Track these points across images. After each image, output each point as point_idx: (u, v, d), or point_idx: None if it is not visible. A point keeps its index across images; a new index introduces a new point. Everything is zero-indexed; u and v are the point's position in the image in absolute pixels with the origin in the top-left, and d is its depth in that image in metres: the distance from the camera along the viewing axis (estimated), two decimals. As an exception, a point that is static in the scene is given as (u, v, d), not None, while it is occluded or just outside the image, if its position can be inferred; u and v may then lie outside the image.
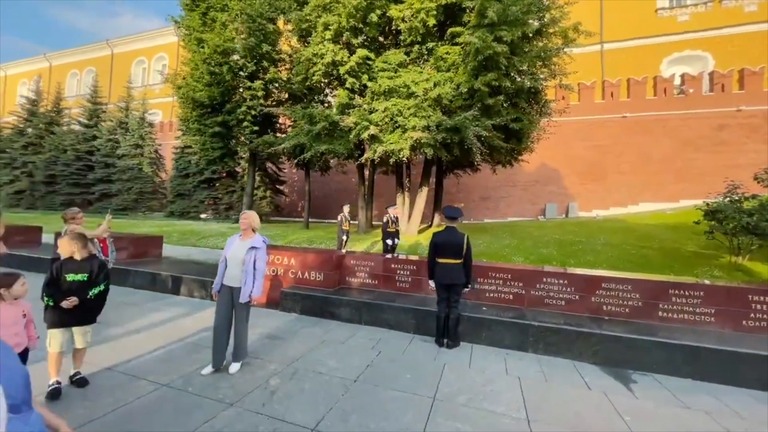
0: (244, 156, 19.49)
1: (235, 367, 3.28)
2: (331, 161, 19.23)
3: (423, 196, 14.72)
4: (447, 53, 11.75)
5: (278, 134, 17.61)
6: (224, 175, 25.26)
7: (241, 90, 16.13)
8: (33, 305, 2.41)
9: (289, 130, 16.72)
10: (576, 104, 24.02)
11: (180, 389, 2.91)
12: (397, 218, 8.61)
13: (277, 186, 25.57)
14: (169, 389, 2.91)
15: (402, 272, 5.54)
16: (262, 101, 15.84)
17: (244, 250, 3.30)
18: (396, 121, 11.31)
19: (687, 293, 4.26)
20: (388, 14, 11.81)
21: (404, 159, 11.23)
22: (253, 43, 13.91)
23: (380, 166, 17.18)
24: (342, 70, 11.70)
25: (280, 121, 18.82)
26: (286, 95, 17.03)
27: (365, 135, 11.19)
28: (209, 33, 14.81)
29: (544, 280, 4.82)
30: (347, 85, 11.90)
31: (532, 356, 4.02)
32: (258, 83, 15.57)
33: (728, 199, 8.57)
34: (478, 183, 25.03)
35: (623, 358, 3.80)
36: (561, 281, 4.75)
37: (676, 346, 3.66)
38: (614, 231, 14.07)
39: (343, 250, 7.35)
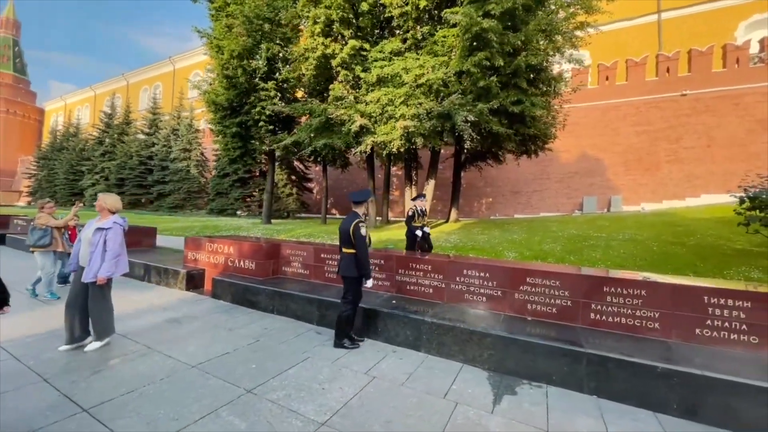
0: (265, 155, 20.46)
1: (93, 345, 3.36)
2: (350, 157, 19.37)
3: (430, 189, 14.09)
4: (444, 37, 11.08)
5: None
6: (256, 174, 26.88)
7: (257, 92, 16.92)
8: None
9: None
10: (623, 84, 21.27)
11: (25, 363, 3.05)
12: (424, 211, 7.32)
13: (304, 183, 26.49)
14: (17, 362, 3.06)
15: (331, 262, 5.29)
16: (275, 101, 16.43)
17: (93, 232, 3.36)
18: (387, 111, 10.95)
19: (626, 291, 3.41)
20: (380, 1, 11.48)
21: (395, 150, 10.82)
22: (251, 44, 14.43)
23: (396, 158, 16.88)
24: (334, 63, 11.65)
25: (302, 120, 19.46)
26: (304, 94, 17.48)
27: (354, 127, 11.00)
28: (227, 39, 15.77)
29: (465, 272, 4.23)
30: (340, 78, 11.81)
31: (421, 356, 3.54)
32: (270, 84, 16.20)
33: (776, 183, 6.83)
34: (508, 176, 23.41)
35: (518, 365, 3.16)
36: (482, 274, 4.12)
37: (581, 355, 2.94)
38: (650, 226, 12.11)
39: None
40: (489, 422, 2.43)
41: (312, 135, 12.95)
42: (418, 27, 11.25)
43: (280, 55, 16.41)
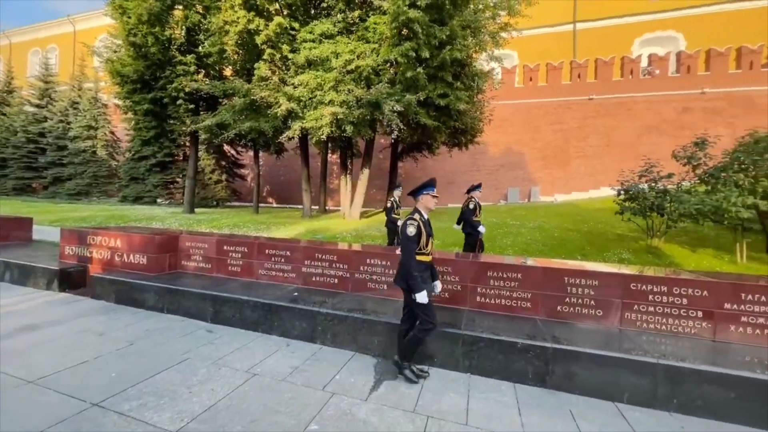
0: (188, 137, 18.53)
1: None
2: (285, 143, 18.40)
3: (364, 178, 14.01)
4: (375, 24, 10.90)
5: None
6: (180, 158, 24.30)
7: (173, 65, 15.06)
8: None
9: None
10: (543, 85, 23.29)
11: None
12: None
13: (235, 170, 24.68)
14: None
15: (234, 255, 4.94)
16: (195, 77, 14.81)
17: None
18: (316, 96, 10.53)
19: (505, 275, 3.72)
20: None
21: (324, 137, 10.50)
22: (159, 9, 12.78)
23: (333, 146, 16.44)
24: (258, 40, 10.80)
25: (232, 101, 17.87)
26: (232, 72, 15.98)
27: (280, 111, 10.40)
28: (132, 0, 13.67)
29: (368, 261, 4.25)
30: (266, 56, 11.02)
31: (315, 348, 3.47)
32: (190, 57, 14.55)
33: (644, 178, 8.06)
34: (443, 167, 24.36)
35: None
36: (384, 263, 4.18)
37: (458, 336, 3.13)
38: (557, 215, 13.61)
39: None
40: (359, 410, 2.45)
41: (237, 117, 11.98)
42: (348, 11, 10.92)
43: (201, 25, 14.76)
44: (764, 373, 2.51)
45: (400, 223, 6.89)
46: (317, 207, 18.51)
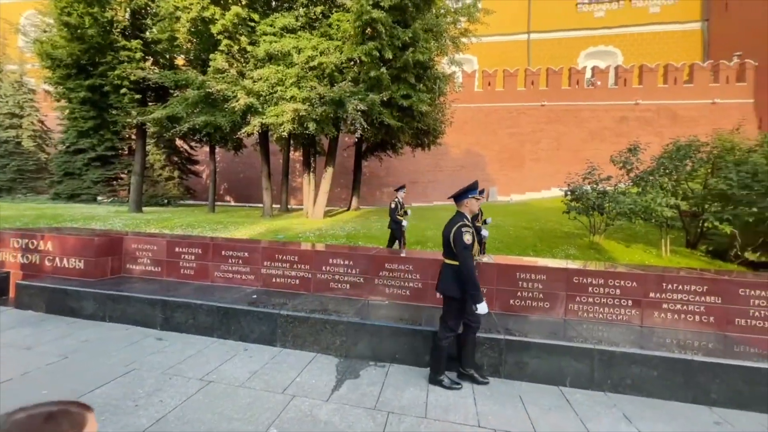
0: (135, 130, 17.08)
1: None
2: (244, 139, 17.59)
3: (328, 177, 13.83)
4: (339, 21, 10.79)
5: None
6: (124, 152, 22.33)
7: (116, 50, 13.78)
8: None
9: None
10: (501, 91, 24.48)
11: None
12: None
13: (188, 166, 23.18)
14: None
15: (187, 256, 4.66)
16: (142, 65, 13.68)
17: None
18: (277, 92, 10.20)
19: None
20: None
21: (285, 134, 10.20)
22: None
23: (295, 143, 16.00)
24: (214, 29, 10.23)
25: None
26: (185, 61, 14.93)
27: (238, 106, 9.95)
28: (66, -25, 12.30)
29: (331, 261, 4.22)
30: (222, 47, 10.47)
31: (275, 351, 3.39)
32: (135, 43, 13.40)
33: (587, 180, 8.80)
34: (407, 167, 24.76)
35: (367, 348, 3.30)
36: (346, 262, 4.18)
37: (418, 333, 3.22)
38: (512, 213, 14.40)
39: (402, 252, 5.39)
40: (320, 411, 2.44)
41: (190, 110, 11.26)
42: (311, 6, 10.71)
43: (149, 9, 13.66)
44: (680, 353, 2.88)
45: (405, 224, 7.02)
46: (278, 206, 17.97)
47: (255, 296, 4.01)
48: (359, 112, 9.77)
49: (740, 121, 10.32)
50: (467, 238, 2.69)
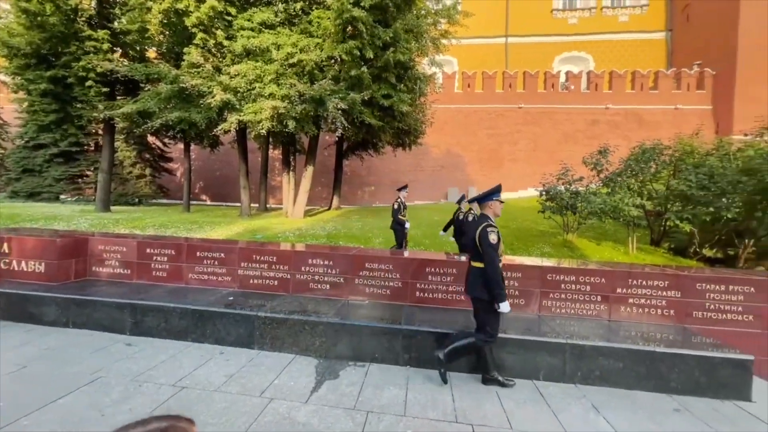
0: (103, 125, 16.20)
1: None
2: (221, 136, 17.06)
3: (308, 175, 13.65)
4: (319, 18, 10.66)
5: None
6: (91, 148, 21.17)
7: (81, 40, 13.01)
8: None
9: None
10: (480, 92, 24.97)
11: None
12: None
13: (161, 163, 22.25)
14: None
15: (160, 258, 4.48)
16: (109, 56, 13.00)
17: None
18: (255, 88, 9.97)
19: (442, 271, 3.95)
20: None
21: (264, 132, 9.99)
22: None
23: (275, 141, 15.68)
24: (188, 21, 9.86)
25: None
26: (157, 54, 14.28)
27: (214, 102, 9.65)
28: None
29: (310, 261, 4.18)
30: (197, 41, 10.11)
31: (252, 353, 3.33)
32: (102, 33, 12.71)
33: (561, 181, 9.14)
34: (389, 166, 24.82)
35: (347, 348, 3.30)
36: (326, 262, 4.15)
37: (398, 332, 3.25)
38: (491, 213, 14.73)
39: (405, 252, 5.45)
40: (298, 413, 2.42)
41: (163, 105, 10.81)
42: (291, 2, 10.53)
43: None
44: (644, 345, 3.05)
45: (408, 225, 6.94)
46: (257, 205, 17.59)
47: (232, 298, 3.92)
48: (340, 111, 9.71)
49: (699, 126, 11.02)
50: (492, 237, 2.75)
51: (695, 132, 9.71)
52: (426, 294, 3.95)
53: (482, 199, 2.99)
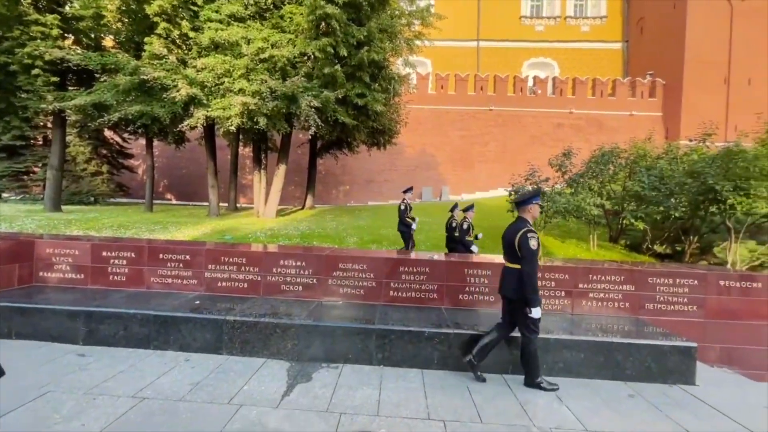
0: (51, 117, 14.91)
1: None
2: (188, 132, 16.21)
3: (281, 174, 13.31)
4: (291, 14, 10.41)
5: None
6: (38, 142, 19.47)
7: (26, 25, 11.89)
8: None
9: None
10: (452, 94, 25.50)
11: None
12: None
13: (120, 160, 20.87)
14: None
15: (117, 261, 4.20)
16: (59, 43, 11.99)
17: None
18: (224, 83, 9.58)
19: (415, 270, 4.00)
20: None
21: (233, 128, 9.63)
22: None
23: (245, 138, 15.12)
24: (149, 10, 9.30)
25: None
26: (115, 43, 13.30)
27: (179, 96, 9.17)
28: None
29: (282, 263, 4.08)
30: (159, 30, 9.56)
31: (220, 359, 3.20)
32: (52, 17, 11.69)
33: (529, 181, 9.52)
34: (363, 166, 24.75)
35: (320, 350, 3.25)
36: (299, 263, 4.07)
37: (371, 332, 3.25)
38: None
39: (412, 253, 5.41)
40: (269, 419, 2.36)
41: (121, 98, 10.13)
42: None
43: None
44: (602, 336, 3.24)
45: (414, 226, 6.89)
46: (226, 204, 16.94)
47: (198, 302, 3.74)
48: (313, 109, 9.55)
49: (651, 131, 11.90)
50: (533, 243, 2.80)
51: (647, 137, 10.48)
52: (400, 293, 3.98)
53: (522, 202, 3.03)
